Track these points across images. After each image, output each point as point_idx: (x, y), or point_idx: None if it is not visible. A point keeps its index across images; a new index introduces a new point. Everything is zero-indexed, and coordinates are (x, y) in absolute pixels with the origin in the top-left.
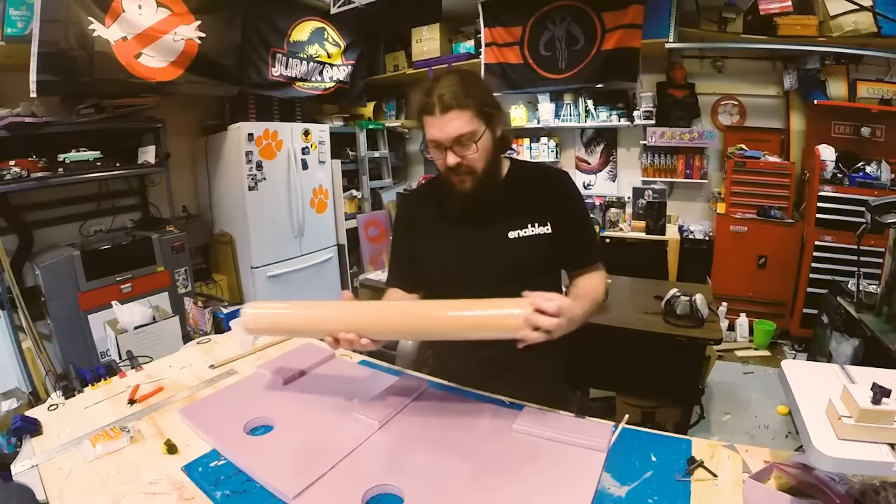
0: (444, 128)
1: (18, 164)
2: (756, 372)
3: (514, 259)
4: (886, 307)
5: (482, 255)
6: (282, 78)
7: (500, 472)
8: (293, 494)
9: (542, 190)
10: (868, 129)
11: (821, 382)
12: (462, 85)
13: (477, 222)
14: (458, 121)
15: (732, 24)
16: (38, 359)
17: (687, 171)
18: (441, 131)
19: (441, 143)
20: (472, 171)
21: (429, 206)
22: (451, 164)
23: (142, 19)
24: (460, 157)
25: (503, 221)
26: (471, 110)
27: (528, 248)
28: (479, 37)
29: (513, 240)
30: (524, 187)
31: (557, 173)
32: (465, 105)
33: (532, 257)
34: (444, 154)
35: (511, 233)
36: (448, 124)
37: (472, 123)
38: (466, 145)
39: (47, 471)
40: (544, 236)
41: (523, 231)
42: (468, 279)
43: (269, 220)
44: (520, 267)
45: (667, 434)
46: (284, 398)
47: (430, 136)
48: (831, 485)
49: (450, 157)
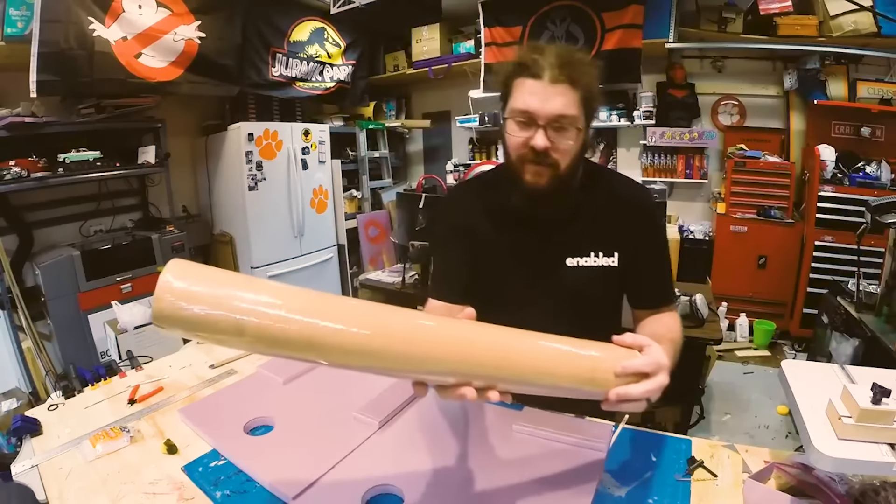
0: (549, 99)
1: (18, 164)
2: (756, 372)
3: (569, 289)
4: (886, 307)
5: (536, 279)
6: (282, 78)
7: (500, 472)
8: (293, 494)
9: (618, 213)
10: (868, 129)
11: (821, 382)
12: (579, 61)
13: (534, 237)
14: (566, 98)
15: (732, 24)
16: (38, 359)
17: (687, 171)
18: (543, 102)
19: (535, 117)
20: (556, 164)
21: (482, 209)
22: (539, 145)
23: (142, 19)
24: (551, 142)
25: (564, 243)
26: (580, 94)
27: (585, 280)
28: (479, 37)
29: (571, 268)
30: (596, 204)
31: (641, 195)
32: (577, 84)
33: (590, 291)
34: (532, 132)
35: (570, 259)
36: (554, 97)
37: (577, 108)
38: (564, 131)
39: (47, 471)
40: (607, 269)
41: (583, 259)
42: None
43: (269, 220)
44: (576, 299)
45: (667, 434)
46: (284, 398)
47: (524, 104)
48: (831, 485)
49: (540, 136)
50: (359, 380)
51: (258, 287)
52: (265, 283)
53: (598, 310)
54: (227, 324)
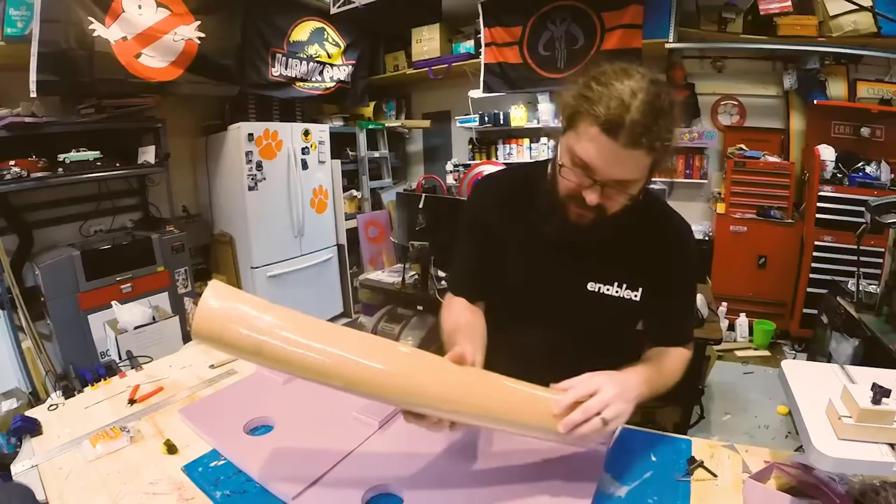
0: (614, 163)
1: (18, 164)
2: (756, 372)
3: (585, 315)
4: (886, 307)
5: (553, 296)
6: (282, 78)
7: (500, 472)
8: (293, 494)
9: (653, 245)
10: (868, 129)
11: (821, 382)
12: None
13: (558, 254)
14: (634, 163)
15: (732, 24)
16: (38, 359)
17: (687, 171)
18: (607, 165)
19: (595, 174)
20: (603, 212)
21: (509, 210)
22: (591, 202)
23: (142, 19)
24: (606, 198)
25: (589, 267)
26: (653, 155)
27: (603, 309)
28: (478, 37)
29: (591, 293)
30: (633, 234)
31: (677, 226)
32: (653, 146)
33: (606, 320)
34: (586, 185)
35: (591, 284)
36: (622, 163)
37: (644, 170)
38: (623, 191)
39: (47, 471)
40: (628, 303)
41: (605, 287)
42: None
43: (269, 220)
44: (590, 326)
45: (667, 434)
46: (284, 398)
47: (588, 156)
48: (831, 485)
49: (591, 194)
50: None
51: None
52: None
53: (610, 341)
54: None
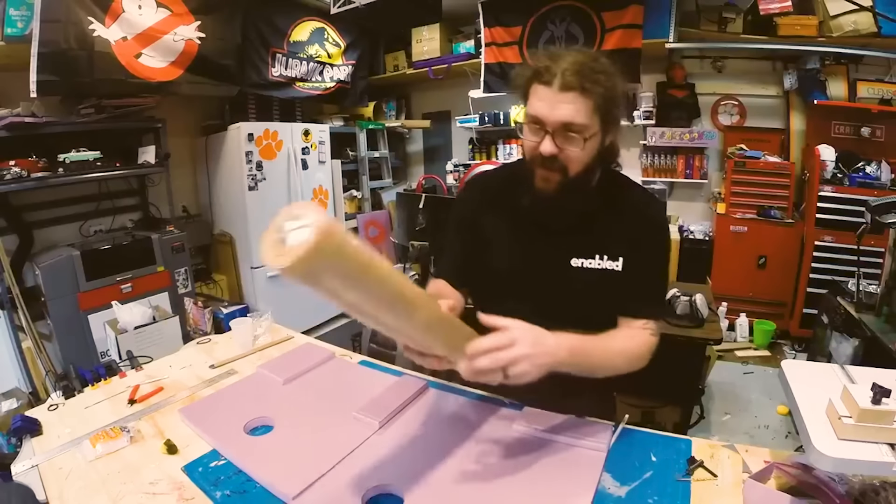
0: (556, 106)
1: (18, 164)
2: (756, 372)
3: (571, 289)
4: (886, 307)
5: (540, 275)
6: (282, 78)
7: (500, 473)
8: (293, 494)
9: (627, 217)
10: (868, 129)
11: (821, 382)
12: (594, 68)
13: (542, 236)
14: (574, 105)
15: (732, 24)
16: (38, 359)
17: (687, 171)
18: (551, 109)
19: (544, 122)
20: (565, 170)
21: (496, 203)
22: (546, 152)
23: (142, 19)
24: (559, 147)
25: (570, 244)
26: (593, 101)
27: (589, 282)
28: (479, 37)
29: (575, 269)
30: (608, 208)
31: (652, 206)
32: (589, 91)
33: (592, 293)
34: (542, 137)
35: (575, 260)
36: (562, 105)
37: (589, 116)
38: (573, 138)
39: (47, 471)
40: (611, 273)
41: (588, 261)
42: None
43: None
44: (577, 299)
45: (667, 434)
46: (284, 398)
47: (535, 109)
48: (831, 485)
49: (547, 143)
50: (359, 380)
51: None
52: None
53: (598, 312)
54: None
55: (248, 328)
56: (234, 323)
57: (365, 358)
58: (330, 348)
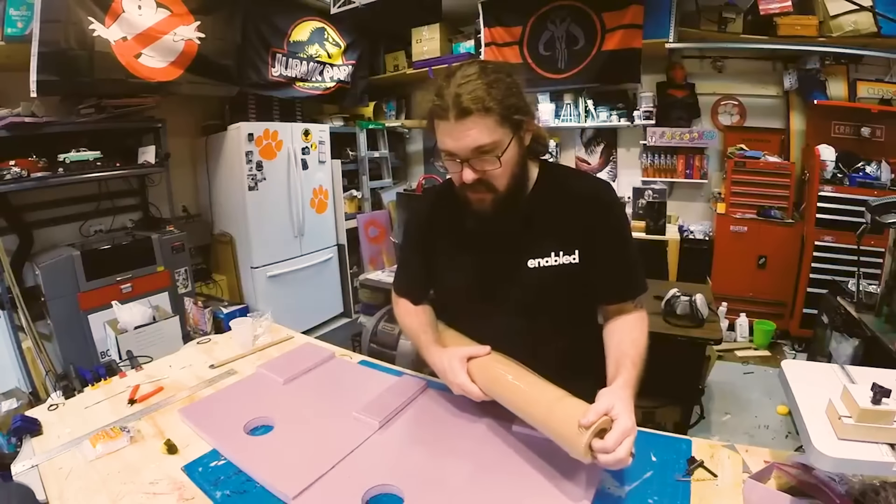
0: (459, 137)
1: (18, 164)
2: (756, 372)
3: (533, 291)
4: (886, 307)
5: (499, 283)
6: (282, 78)
7: (500, 472)
8: (293, 494)
9: (575, 209)
10: (868, 129)
11: (821, 382)
12: (483, 81)
13: (494, 244)
14: (477, 129)
15: (732, 24)
16: (38, 359)
17: (687, 171)
18: (456, 141)
19: (456, 154)
20: (493, 188)
21: (444, 216)
22: (467, 180)
23: (142, 20)
24: (479, 172)
25: (523, 246)
26: (494, 115)
27: (548, 280)
28: (479, 37)
29: (532, 269)
30: (553, 203)
31: (597, 189)
32: (487, 109)
33: (553, 290)
34: (460, 168)
35: (531, 261)
36: (465, 134)
37: (496, 132)
38: (488, 159)
39: (47, 471)
40: (569, 267)
41: (544, 260)
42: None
43: (269, 220)
44: (540, 300)
45: (667, 434)
46: (284, 398)
47: (443, 144)
48: (831, 485)
49: (466, 172)
50: (359, 380)
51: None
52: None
53: (564, 308)
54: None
55: (248, 328)
56: (234, 323)
57: (365, 358)
58: (330, 348)
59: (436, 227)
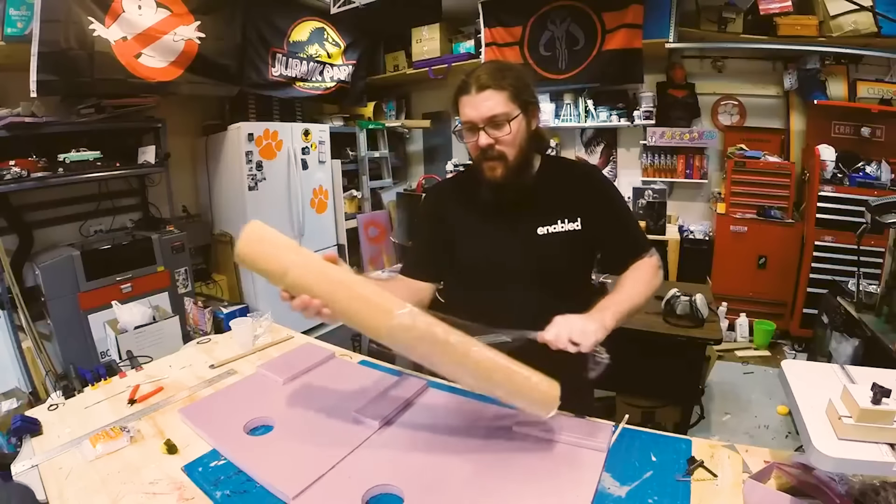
0: (478, 106)
1: (18, 164)
2: (756, 372)
3: (542, 257)
4: (886, 307)
5: (511, 252)
6: (282, 78)
7: (501, 472)
8: (293, 494)
9: (573, 184)
10: (868, 129)
11: (821, 382)
12: (500, 69)
13: (506, 217)
14: (492, 100)
15: (732, 24)
16: (38, 359)
17: (687, 171)
18: (475, 110)
19: (475, 122)
20: (504, 156)
21: (458, 200)
22: (483, 144)
23: (142, 19)
24: (493, 138)
25: (533, 217)
26: (507, 91)
27: (556, 246)
28: (479, 37)
29: (541, 236)
30: (555, 182)
31: (589, 169)
32: (501, 86)
33: (560, 255)
34: (477, 135)
35: (540, 229)
36: (482, 103)
37: (507, 105)
38: (500, 126)
39: (47, 471)
40: (573, 233)
41: (552, 227)
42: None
43: (269, 220)
44: (549, 265)
45: (667, 434)
46: (284, 398)
47: (465, 116)
48: (831, 485)
49: (482, 137)
50: (359, 380)
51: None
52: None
53: (569, 273)
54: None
55: (248, 328)
56: (234, 323)
57: (365, 358)
58: (330, 348)
59: (451, 210)
